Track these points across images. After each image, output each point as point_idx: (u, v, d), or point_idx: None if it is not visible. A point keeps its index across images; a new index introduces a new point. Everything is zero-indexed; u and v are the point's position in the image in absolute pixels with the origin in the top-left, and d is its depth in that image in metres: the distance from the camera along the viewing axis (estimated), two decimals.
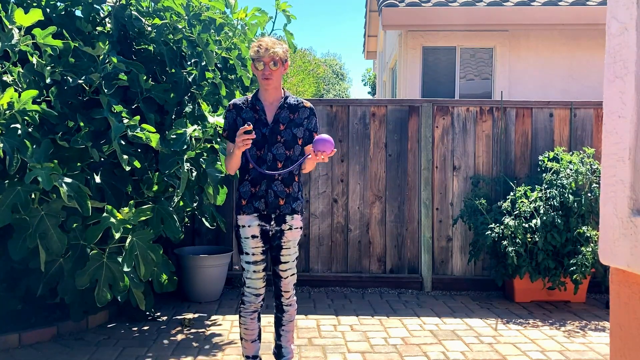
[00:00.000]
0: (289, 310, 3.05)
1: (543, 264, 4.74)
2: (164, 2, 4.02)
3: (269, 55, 2.80)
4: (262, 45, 2.80)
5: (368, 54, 14.91)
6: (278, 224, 2.92)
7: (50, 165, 3.16)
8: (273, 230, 2.93)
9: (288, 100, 2.96)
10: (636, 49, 1.35)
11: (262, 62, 2.81)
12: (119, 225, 3.43)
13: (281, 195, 2.89)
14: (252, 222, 2.91)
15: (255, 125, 2.88)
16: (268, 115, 2.92)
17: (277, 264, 2.98)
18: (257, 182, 2.89)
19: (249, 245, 2.91)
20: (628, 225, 1.37)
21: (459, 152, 5.48)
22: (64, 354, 3.59)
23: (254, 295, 2.95)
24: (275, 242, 2.95)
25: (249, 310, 2.97)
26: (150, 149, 3.91)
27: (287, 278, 2.99)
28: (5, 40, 3.21)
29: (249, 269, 2.93)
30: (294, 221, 2.94)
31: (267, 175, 2.88)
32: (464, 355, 3.70)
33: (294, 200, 2.94)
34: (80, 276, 3.53)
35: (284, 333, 3.05)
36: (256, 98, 2.95)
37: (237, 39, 4.37)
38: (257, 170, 2.87)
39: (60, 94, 3.54)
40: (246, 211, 2.91)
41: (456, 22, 7.27)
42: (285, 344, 3.06)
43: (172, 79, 4.05)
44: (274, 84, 2.88)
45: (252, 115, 2.92)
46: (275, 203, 2.89)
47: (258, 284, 2.94)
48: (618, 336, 1.45)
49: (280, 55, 2.83)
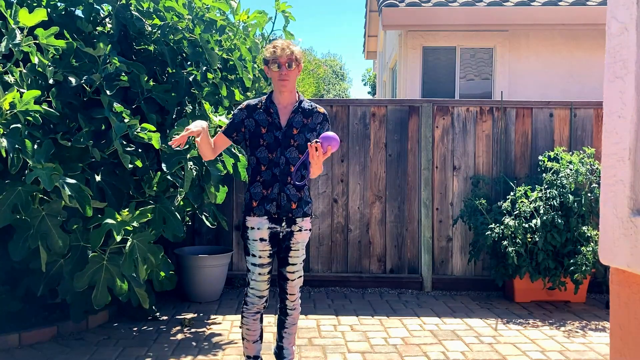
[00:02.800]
0: (293, 313, 3.03)
1: (543, 264, 4.74)
2: (165, 2, 4.03)
3: (286, 55, 2.79)
4: (277, 46, 2.79)
5: (368, 54, 14.91)
6: (289, 225, 2.91)
7: (51, 166, 3.15)
8: (284, 232, 2.92)
9: (302, 105, 2.94)
10: (636, 49, 1.36)
11: (277, 64, 2.80)
12: (120, 227, 3.43)
13: (294, 199, 2.89)
14: (261, 224, 2.89)
15: (268, 129, 2.88)
16: (282, 119, 2.90)
17: (284, 265, 2.96)
18: (270, 185, 2.88)
19: (256, 248, 2.89)
20: (628, 225, 1.37)
21: (459, 152, 5.48)
22: (64, 354, 3.59)
23: (257, 297, 2.93)
24: (284, 244, 2.94)
25: (252, 312, 2.96)
26: (151, 148, 3.91)
27: (294, 280, 2.97)
28: (9, 40, 3.21)
29: (254, 271, 2.91)
30: (304, 223, 2.94)
31: (280, 179, 2.86)
32: (464, 355, 3.70)
33: (305, 203, 2.94)
34: (79, 278, 3.53)
35: (286, 335, 3.05)
36: (270, 101, 2.93)
37: (238, 40, 4.37)
38: (272, 157, 2.85)
39: (61, 94, 3.55)
40: (257, 213, 2.89)
41: (456, 22, 7.27)
42: (287, 345, 3.06)
43: (173, 79, 4.05)
44: (290, 85, 2.87)
45: (265, 118, 2.90)
46: (288, 207, 2.88)
47: (263, 286, 2.92)
48: (618, 336, 1.45)
49: (297, 55, 2.83)
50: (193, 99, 4.25)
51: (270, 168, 2.87)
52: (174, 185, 4.10)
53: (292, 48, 2.81)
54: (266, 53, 2.84)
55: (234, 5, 4.29)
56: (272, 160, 2.87)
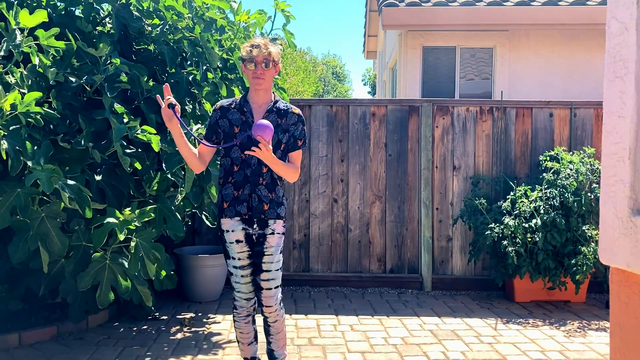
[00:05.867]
0: (275, 325, 2.93)
1: (543, 264, 4.74)
2: (165, 2, 4.02)
3: (262, 55, 2.75)
4: (254, 45, 2.76)
5: (368, 54, 14.91)
6: (261, 227, 2.87)
7: (50, 167, 3.14)
8: (256, 234, 2.88)
9: (277, 105, 2.89)
10: (636, 49, 1.36)
11: (253, 63, 2.76)
12: (123, 227, 3.43)
13: (265, 200, 2.84)
14: (235, 226, 2.85)
15: (241, 128, 2.84)
16: (255, 118, 2.85)
17: (258, 272, 2.87)
18: (241, 186, 2.84)
19: (234, 250, 2.86)
20: (628, 225, 1.37)
21: (459, 152, 5.48)
22: (64, 353, 3.59)
23: (244, 299, 2.90)
24: (257, 248, 2.88)
25: (242, 315, 2.93)
26: (151, 148, 3.91)
27: (269, 290, 2.83)
28: (9, 41, 3.21)
29: (237, 274, 2.87)
30: (276, 225, 2.87)
31: (251, 179, 2.82)
32: (464, 355, 3.70)
33: (278, 205, 2.88)
34: (82, 278, 3.52)
35: (273, 340, 2.99)
36: (245, 100, 2.89)
37: (239, 40, 4.37)
38: (245, 158, 2.80)
39: (61, 95, 3.54)
40: (228, 214, 2.85)
41: (456, 22, 7.27)
42: (276, 348, 3.01)
43: (173, 79, 4.05)
44: (265, 85, 2.82)
45: (238, 117, 2.86)
46: (260, 208, 2.84)
47: (248, 288, 2.88)
48: (618, 336, 1.45)
49: (274, 55, 2.78)
50: (193, 98, 4.25)
51: (242, 169, 2.83)
52: (175, 185, 4.10)
53: (269, 48, 2.77)
54: (243, 52, 2.80)
55: (234, 6, 4.29)
56: (245, 160, 2.83)
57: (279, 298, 2.89)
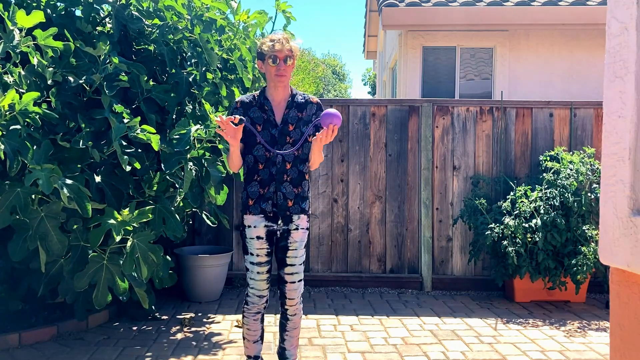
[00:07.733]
0: (294, 319, 2.98)
1: (543, 264, 4.74)
2: (165, 2, 4.02)
3: (285, 50, 2.74)
4: (275, 41, 2.74)
5: (368, 54, 14.91)
6: (285, 223, 2.89)
7: (50, 167, 3.14)
8: (281, 230, 2.89)
9: (296, 99, 2.90)
10: (636, 49, 1.35)
11: (276, 58, 2.74)
12: (120, 227, 3.43)
13: (290, 197, 2.87)
14: (258, 222, 2.87)
15: (263, 126, 2.85)
16: (277, 116, 2.87)
17: (282, 266, 2.91)
18: (266, 184, 2.86)
19: (253, 246, 2.88)
20: (628, 225, 1.37)
21: (459, 152, 5.48)
22: (64, 353, 3.59)
23: (257, 296, 2.91)
24: (281, 243, 2.91)
25: (252, 312, 2.94)
26: (151, 148, 3.91)
27: (293, 283, 2.90)
28: (6, 42, 3.21)
29: (253, 270, 2.89)
30: (300, 221, 2.90)
31: (276, 177, 2.85)
32: (464, 355, 3.70)
33: (302, 200, 2.91)
34: (79, 278, 3.53)
35: (287, 338, 3.02)
36: (264, 97, 2.89)
37: (238, 40, 4.37)
38: (270, 156, 2.83)
39: (61, 95, 3.54)
40: (252, 211, 2.87)
41: (456, 22, 7.27)
42: (289, 347, 3.04)
43: (173, 79, 4.05)
44: (287, 81, 2.83)
45: (260, 115, 2.87)
46: (285, 205, 2.86)
47: (262, 285, 2.90)
48: (618, 336, 1.45)
49: (294, 50, 2.79)
50: (193, 99, 4.25)
51: (267, 167, 2.86)
52: (174, 185, 4.10)
53: (290, 43, 2.78)
54: (263, 47, 2.77)
55: (234, 6, 4.29)
56: (269, 158, 2.85)
57: (301, 291, 2.94)
